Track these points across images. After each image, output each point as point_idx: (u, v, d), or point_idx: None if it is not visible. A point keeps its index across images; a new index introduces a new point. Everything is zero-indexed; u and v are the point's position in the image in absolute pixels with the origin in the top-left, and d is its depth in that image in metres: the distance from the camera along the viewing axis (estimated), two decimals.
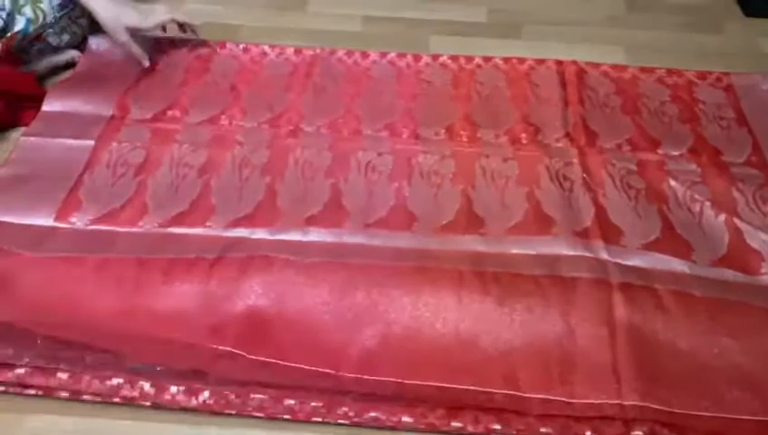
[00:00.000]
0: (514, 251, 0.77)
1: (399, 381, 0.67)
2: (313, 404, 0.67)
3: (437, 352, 0.68)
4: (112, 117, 0.93)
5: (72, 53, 1.02)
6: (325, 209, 0.82)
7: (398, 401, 0.68)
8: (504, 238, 0.79)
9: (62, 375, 0.68)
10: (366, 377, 0.67)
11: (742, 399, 0.65)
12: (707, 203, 0.82)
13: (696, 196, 0.83)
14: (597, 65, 1.03)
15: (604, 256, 0.76)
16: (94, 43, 1.03)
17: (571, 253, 0.76)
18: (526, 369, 0.67)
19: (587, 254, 0.76)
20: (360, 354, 0.67)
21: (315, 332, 0.68)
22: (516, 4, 1.20)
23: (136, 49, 0.96)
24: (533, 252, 0.77)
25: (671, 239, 0.79)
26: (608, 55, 1.06)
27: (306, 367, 0.66)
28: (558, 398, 0.66)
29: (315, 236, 0.78)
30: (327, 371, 0.66)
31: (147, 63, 0.98)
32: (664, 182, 0.86)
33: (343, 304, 0.69)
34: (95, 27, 0.99)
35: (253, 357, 0.67)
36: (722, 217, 0.81)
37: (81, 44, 1.03)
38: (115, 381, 0.67)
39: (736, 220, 0.80)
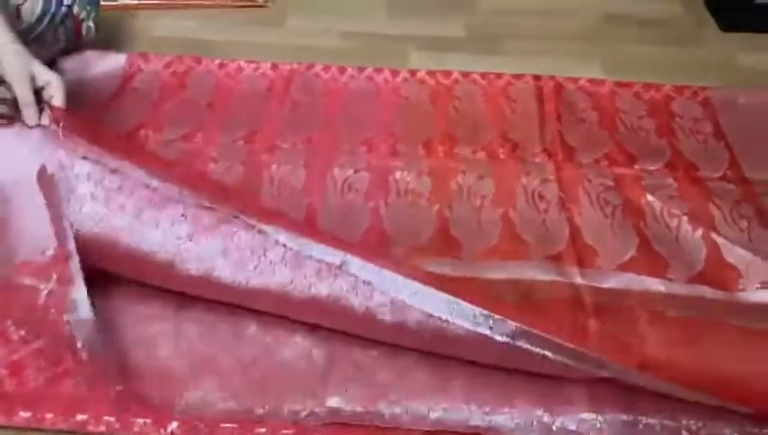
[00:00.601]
0: (489, 276, 0.76)
1: None
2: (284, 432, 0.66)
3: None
4: None
5: None
6: None
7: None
8: (478, 262, 0.78)
9: (25, 414, 0.64)
10: None
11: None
12: (684, 217, 0.82)
13: (674, 210, 0.83)
14: (575, 80, 1.03)
15: (578, 280, 0.76)
16: (65, 63, 1.00)
17: (545, 278, 0.76)
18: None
19: (561, 279, 0.76)
20: None
21: None
22: (494, 19, 1.20)
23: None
24: (507, 276, 0.76)
25: (647, 256, 0.79)
26: (585, 70, 1.06)
27: None
28: None
29: None
30: None
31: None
32: (641, 197, 0.85)
33: None
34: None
35: None
36: (699, 231, 0.81)
37: None
38: (79, 417, 0.65)
39: (714, 235, 0.80)
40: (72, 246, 0.63)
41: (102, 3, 1.05)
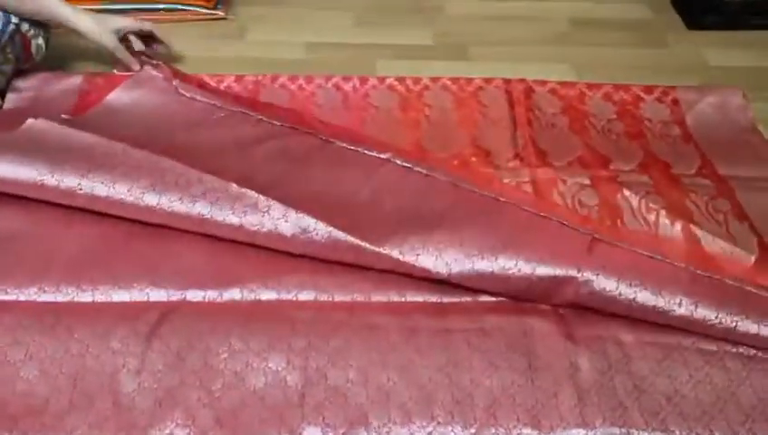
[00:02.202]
0: None
1: None
2: None
3: None
4: None
5: None
6: None
7: None
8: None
9: None
10: None
11: None
12: (662, 211, 0.81)
13: (651, 204, 0.82)
14: (544, 82, 1.02)
15: None
16: (20, 83, 0.97)
17: None
18: None
19: None
20: None
21: None
22: (461, 26, 1.19)
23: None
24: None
25: None
26: (555, 74, 1.05)
27: None
28: None
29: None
30: None
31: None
32: (618, 193, 0.84)
33: None
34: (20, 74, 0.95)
35: None
36: (678, 224, 0.80)
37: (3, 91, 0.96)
38: None
39: (693, 227, 0.79)
40: None
41: None
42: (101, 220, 0.76)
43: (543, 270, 0.68)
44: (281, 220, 0.71)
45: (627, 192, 0.84)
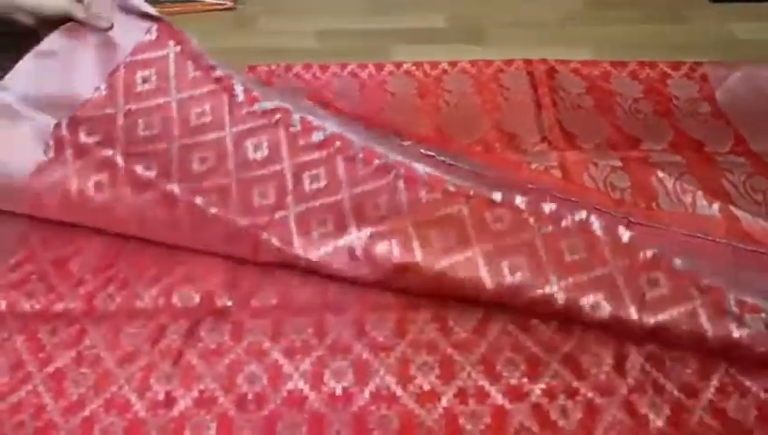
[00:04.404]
0: None
1: None
2: None
3: None
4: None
5: None
6: None
7: None
8: None
9: None
10: None
11: None
12: (699, 193, 0.78)
13: (687, 186, 0.79)
14: (567, 62, 0.98)
15: None
16: None
17: None
18: None
19: None
20: None
21: None
22: (474, 8, 1.16)
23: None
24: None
25: None
26: (574, 54, 1.02)
27: None
28: None
29: None
30: None
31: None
32: (651, 175, 0.81)
33: None
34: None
35: None
36: (716, 205, 0.76)
37: None
38: None
39: (732, 208, 0.76)
40: None
41: None
42: None
43: None
44: None
45: (661, 174, 0.81)
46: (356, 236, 0.68)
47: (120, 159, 0.72)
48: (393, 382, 0.63)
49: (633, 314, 0.63)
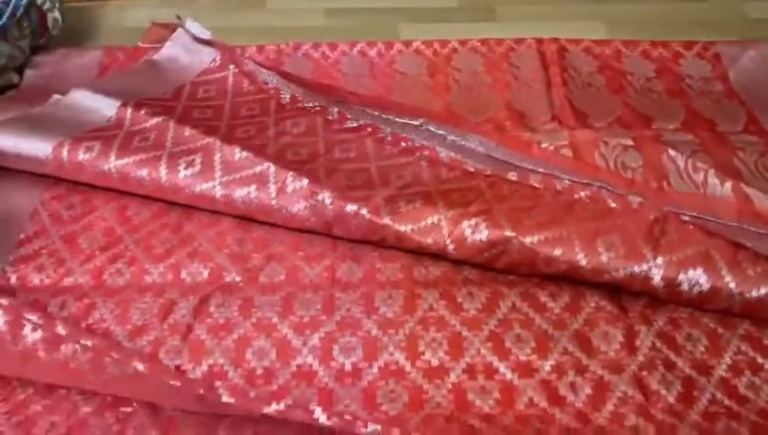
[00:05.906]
0: None
1: None
2: None
3: None
4: None
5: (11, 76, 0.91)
6: None
7: None
8: None
9: None
10: None
11: None
12: (711, 171, 0.77)
13: (699, 164, 0.78)
14: (578, 41, 0.97)
15: None
16: (39, 58, 0.94)
17: None
18: None
19: None
20: None
21: None
22: None
23: None
24: None
25: None
26: (587, 32, 1.00)
27: None
28: None
29: None
30: None
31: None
32: (663, 154, 0.80)
33: None
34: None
35: None
36: (728, 184, 0.75)
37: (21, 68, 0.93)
38: None
39: (743, 186, 0.75)
40: None
41: None
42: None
43: None
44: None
45: (672, 152, 0.79)
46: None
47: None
48: (402, 358, 0.63)
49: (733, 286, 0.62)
